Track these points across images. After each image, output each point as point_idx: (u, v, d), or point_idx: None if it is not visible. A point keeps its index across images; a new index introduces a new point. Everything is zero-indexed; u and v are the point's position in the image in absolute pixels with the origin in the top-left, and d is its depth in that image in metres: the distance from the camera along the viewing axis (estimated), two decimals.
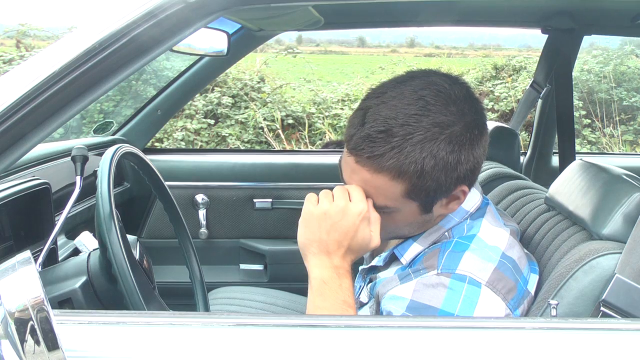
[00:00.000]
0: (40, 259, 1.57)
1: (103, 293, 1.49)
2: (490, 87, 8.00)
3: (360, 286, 1.52)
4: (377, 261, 1.46)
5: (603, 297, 1.19)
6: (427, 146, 1.21)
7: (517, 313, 1.28)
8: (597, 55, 8.22)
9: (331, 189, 1.33)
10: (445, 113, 1.22)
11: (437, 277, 1.26)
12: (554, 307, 1.17)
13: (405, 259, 1.38)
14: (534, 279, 1.38)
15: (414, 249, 1.38)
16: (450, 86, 1.26)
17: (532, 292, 1.36)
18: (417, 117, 1.21)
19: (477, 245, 1.31)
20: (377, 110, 1.24)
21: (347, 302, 1.27)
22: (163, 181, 1.79)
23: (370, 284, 1.45)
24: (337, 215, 1.28)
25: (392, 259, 1.43)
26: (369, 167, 1.25)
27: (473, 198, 1.39)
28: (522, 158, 3.05)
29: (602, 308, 1.19)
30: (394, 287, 1.31)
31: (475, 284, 1.24)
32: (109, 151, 1.52)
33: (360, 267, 1.55)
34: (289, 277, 2.81)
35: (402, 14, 2.55)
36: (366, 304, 1.44)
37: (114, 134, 2.98)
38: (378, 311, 1.34)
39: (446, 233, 1.36)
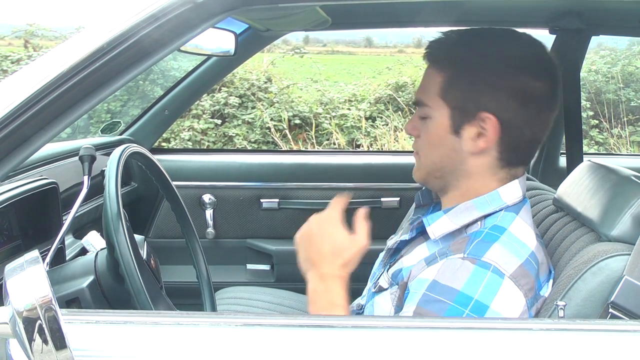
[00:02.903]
0: (47, 259, 1.57)
1: (110, 292, 1.49)
2: None
3: (381, 272, 1.52)
4: (403, 236, 1.48)
5: (611, 299, 1.18)
6: (477, 48, 1.36)
7: (532, 312, 1.28)
8: (605, 55, 8.20)
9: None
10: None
11: (462, 261, 1.26)
12: (562, 309, 1.17)
13: (434, 232, 1.37)
14: (547, 286, 1.37)
15: (443, 223, 1.37)
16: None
17: (544, 297, 1.35)
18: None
19: (507, 238, 1.30)
20: None
21: (333, 302, 1.29)
22: (170, 181, 1.79)
23: (390, 269, 1.45)
24: (311, 231, 1.37)
25: (420, 240, 1.43)
26: (427, 60, 1.40)
27: (513, 192, 1.38)
28: None
29: (610, 310, 1.18)
30: (422, 271, 1.31)
31: (499, 274, 1.24)
32: (117, 151, 1.53)
33: (387, 247, 1.56)
34: (296, 277, 2.77)
35: (409, 14, 2.54)
36: (386, 289, 1.43)
37: (121, 134, 2.98)
38: (402, 297, 1.35)
39: (478, 223, 1.36)
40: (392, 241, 1.56)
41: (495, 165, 1.37)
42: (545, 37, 2.76)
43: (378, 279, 1.49)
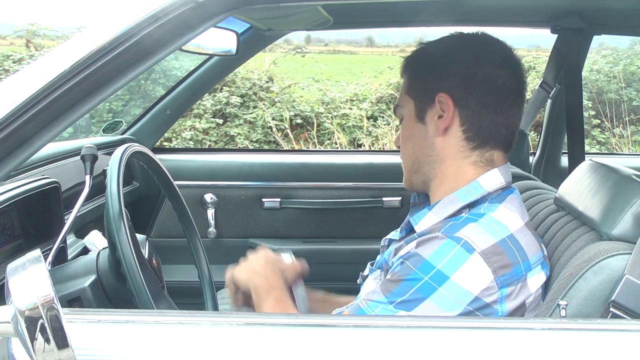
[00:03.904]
0: (49, 258, 1.58)
1: (112, 292, 1.49)
2: None
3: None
4: (394, 234, 1.55)
5: (612, 298, 1.19)
6: (429, 47, 1.53)
7: (505, 291, 1.28)
8: (607, 55, 8.19)
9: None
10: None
11: (435, 235, 1.31)
12: (563, 308, 1.17)
13: (420, 228, 1.41)
14: (539, 275, 1.37)
15: (429, 218, 1.42)
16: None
17: (529, 284, 1.34)
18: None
19: (485, 220, 1.34)
20: None
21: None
22: (172, 180, 1.79)
23: (376, 263, 1.53)
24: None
25: (409, 234, 1.47)
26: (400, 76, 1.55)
27: (493, 179, 1.42)
28: (531, 158, 3.04)
29: (611, 309, 1.18)
30: (401, 249, 1.37)
31: (468, 249, 1.27)
32: (119, 150, 1.53)
33: (381, 245, 1.61)
34: None
35: (411, 13, 2.55)
36: (367, 275, 1.52)
37: (123, 133, 2.99)
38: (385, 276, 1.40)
39: (463, 213, 1.39)
40: (384, 238, 1.63)
41: (464, 146, 1.43)
42: (546, 36, 2.76)
43: (363, 272, 1.57)
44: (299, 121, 7.55)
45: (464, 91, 1.41)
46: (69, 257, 1.95)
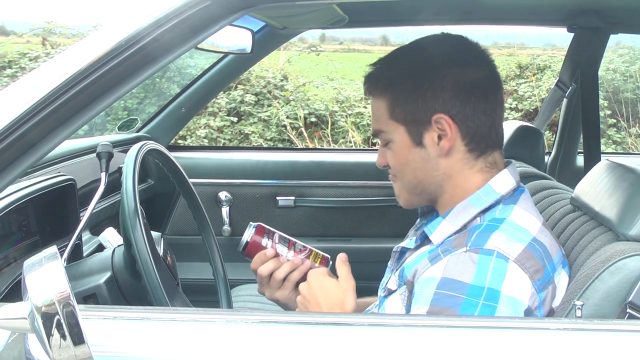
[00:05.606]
0: (65, 255, 1.59)
1: (127, 289, 1.50)
2: (514, 86, 7.95)
3: (388, 276, 1.52)
4: (408, 243, 1.48)
5: (629, 299, 1.18)
6: (404, 63, 1.44)
7: (542, 295, 1.27)
8: (623, 54, 8.13)
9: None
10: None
11: (466, 254, 1.27)
12: (579, 308, 1.16)
13: (436, 238, 1.37)
14: (563, 276, 1.36)
15: (444, 227, 1.38)
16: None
17: (557, 285, 1.34)
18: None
19: (507, 226, 1.31)
20: None
21: None
22: (187, 178, 1.80)
23: (397, 271, 1.45)
24: (304, 296, 1.48)
25: (424, 243, 1.43)
26: (368, 94, 1.50)
27: (505, 182, 1.40)
28: (546, 158, 3.02)
29: (628, 310, 1.17)
30: (426, 270, 1.31)
31: (503, 258, 1.24)
32: (134, 148, 1.53)
33: (393, 250, 1.55)
34: None
35: (426, 12, 2.54)
36: (395, 290, 1.43)
37: (138, 131, 3.00)
38: (410, 297, 1.34)
39: (478, 218, 1.37)
40: (396, 246, 1.56)
41: (469, 158, 1.39)
42: (562, 35, 2.74)
43: (387, 284, 1.49)
44: (313, 119, 7.54)
45: (460, 105, 1.36)
46: (84, 254, 1.96)
